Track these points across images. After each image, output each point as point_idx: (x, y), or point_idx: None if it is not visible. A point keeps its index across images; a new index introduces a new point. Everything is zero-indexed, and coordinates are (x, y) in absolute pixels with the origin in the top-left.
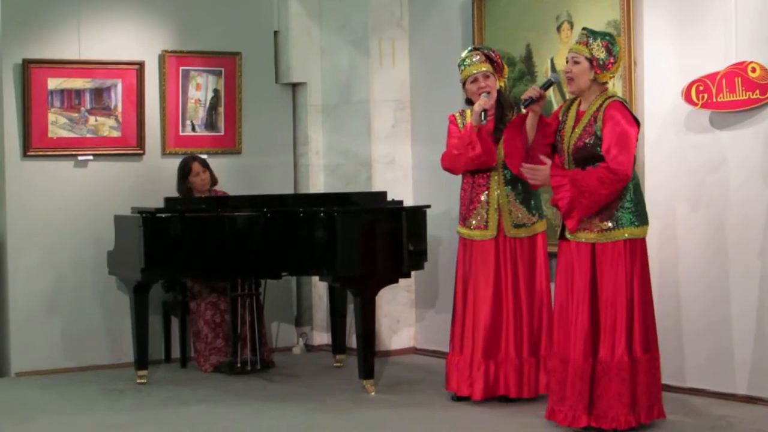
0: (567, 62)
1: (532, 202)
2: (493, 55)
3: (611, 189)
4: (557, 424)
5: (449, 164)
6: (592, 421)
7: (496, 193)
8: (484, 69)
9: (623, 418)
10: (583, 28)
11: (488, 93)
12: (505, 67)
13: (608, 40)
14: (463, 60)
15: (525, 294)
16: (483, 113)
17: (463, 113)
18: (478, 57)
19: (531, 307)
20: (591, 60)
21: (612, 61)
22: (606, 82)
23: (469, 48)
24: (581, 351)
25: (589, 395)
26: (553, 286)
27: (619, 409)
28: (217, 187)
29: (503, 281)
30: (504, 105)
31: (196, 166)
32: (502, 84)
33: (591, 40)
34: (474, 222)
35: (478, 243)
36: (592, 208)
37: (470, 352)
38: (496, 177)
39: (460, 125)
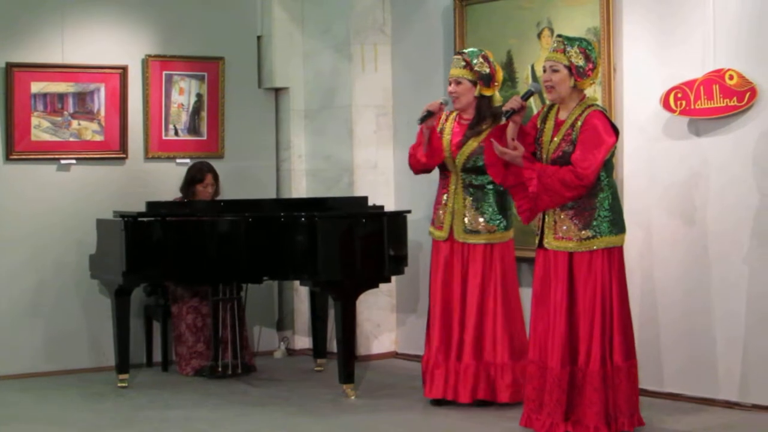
0: (545, 71)
1: (492, 212)
2: (478, 62)
3: (574, 193)
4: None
5: (409, 163)
6: (569, 427)
7: (453, 196)
8: (457, 75)
9: (593, 425)
10: (558, 35)
11: (453, 98)
12: (497, 75)
13: (585, 45)
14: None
15: (474, 300)
16: (425, 115)
17: (450, 113)
18: (458, 62)
19: (479, 313)
20: (570, 68)
21: (591, 67)
22: (584, 89)
23: (458, 51)
24: (558, 359)
25: (566, 403)
26: (524, 291)
27: (589, 417)
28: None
29: (453, 284)
30: (480, 113)
31: (209, 178)
32: (491, 93)
33: (568, 47)
34: (437, 222)
35: (435, 242)
36: (552, 206)
37: (430, 353)
38: (454, 180)
39: (445, 127)
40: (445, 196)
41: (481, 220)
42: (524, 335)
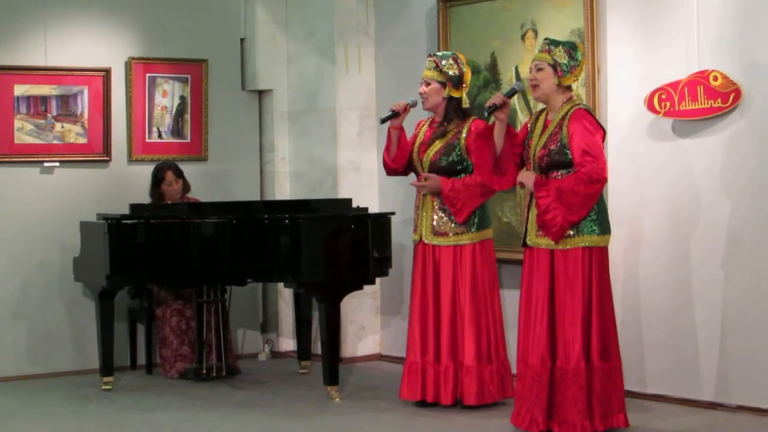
0: (531, 71)
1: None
2: (447, 63)
3: (597, 187)
4: (519, 429)
5: (383, 165)
6: (555, 426)
7: (423, 199)
8: (426, 76)
9: (579, 423)
10: (545, 39)
11: (423, 99)
12: (465, 77)
13: (569, 46)
14: None
15: (447, 302)
16: (389, 114)
17: (429, 119)
18: (430, 63)
19: (452, 314)
20: (554, 65)
21: (574, 64)
22: (570, 86)
23: (430, 54)
24: (539, 355)
25: (548, 400)
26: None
27: (575, 415)
28: (189, 195)
29: (427, 285)
30: (448, 114)
31: (169, 176)
32: (460, 94)
33: (552, 48)
34: (415, 225)
35: (414, 245)
36: (579, 212)
37: (410, 356)
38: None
39: (420, 131)
40: (418, 199)
41: (449, 221)
42: (498, 337)
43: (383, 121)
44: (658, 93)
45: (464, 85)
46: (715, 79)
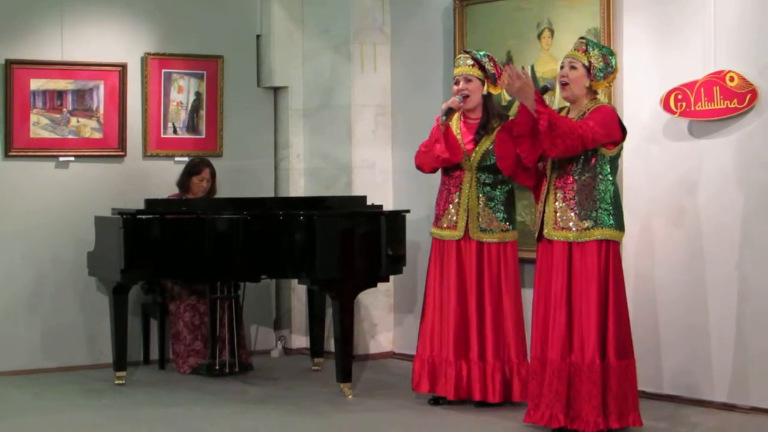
0: (563, 67)
1: (504, 210)
2: (485, 61)
3: (572, 141)
4: (536, 425)
5: (419, 161)
6: (567, 423)
7: (467, 194)
8: (467, 72)
9: (592, 419)
10: (582, 37)
11: (464, 96)
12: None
13: (606, 52)
14: (455, 61)
15: (490, 298)
16: (447, 111)
17: (456, 113)
18: (467, 60)
19: (496, 312)
20: (588, 67)
21: (609, 71)
22: (597, 91)
23: (464, 51)
24: (559, 350)
25: (566, 396)
26: (526, 292)
27: (588, 412)
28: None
29: (468, 283)
30: (490, 112)
31: (206, 173)
32: (498, 91)
33: (590, 49)
34: (445, 223)
35: (448, 243)
36: (550, 150)
37: (439, 351)
38: (468, 178)
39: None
40: (457, 195)
41: (494, 218)
42: (522, 335)
43: (446, 118)
44: (674, 93)
45: (500, 83)
46: (732, 79)
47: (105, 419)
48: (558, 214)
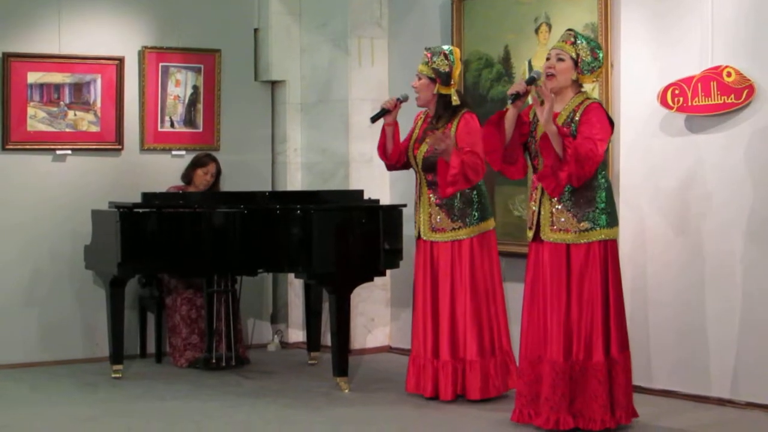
0: (549, 58)
1: (457, 207)
2: (436, 59)
3: (590, 167)
4: (535, 426)
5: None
6: (576, 423)
7: (420, 195)
8: (418, 69)
9: (599, 418)
10: (569, 29)
11: (407, 95)
12: (454, 73)
13: (594, 46)
14: None
15: (446, 298)
16: (380, 111)
17: (425, 112)
18: (423, 57)
19: (451, 311)
20: (576, 60)
21: (596, 65)
22: (582, 84)
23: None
24: (561, 351)
25: (571, 397)
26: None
27: (595, 410)
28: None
29: (427, 283)
30: (437, 111)
31: (212, 167)
32: (449, 92)
33: (577, 41)
34: (414, 222)
35: (417, 242)
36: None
37: (414, 350)
38: (419, 179)
39: (416, 125)
40: (416, 195)
41: (446, 217)
42: (501, 329)
43: (374, 119)
44: (671, 88)
45: (453, 82)
46: (729, 75)
47: (102, 412)
48: (554, 217)
